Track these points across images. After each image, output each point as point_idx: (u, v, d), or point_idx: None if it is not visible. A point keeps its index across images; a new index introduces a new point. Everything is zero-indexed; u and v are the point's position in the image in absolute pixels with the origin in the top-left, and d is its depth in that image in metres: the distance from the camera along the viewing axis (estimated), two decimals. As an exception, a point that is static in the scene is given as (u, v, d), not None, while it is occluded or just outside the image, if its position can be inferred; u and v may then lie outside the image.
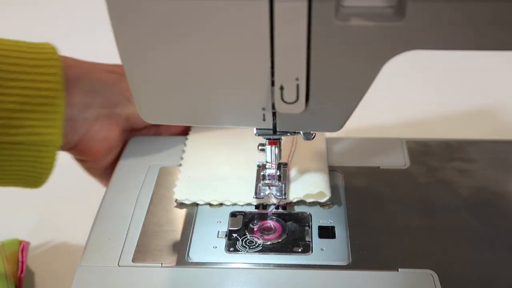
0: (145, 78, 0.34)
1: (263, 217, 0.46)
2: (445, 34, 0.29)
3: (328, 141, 0.54)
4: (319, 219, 0.45)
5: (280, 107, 0.33)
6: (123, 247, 0.43)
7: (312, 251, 0.42)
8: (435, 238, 0.44)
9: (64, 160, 0.50)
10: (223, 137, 0.52)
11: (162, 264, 0.41)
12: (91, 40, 1.00)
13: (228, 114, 0.36)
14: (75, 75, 0.47)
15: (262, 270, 0.41)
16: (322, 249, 0.42)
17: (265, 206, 0.47)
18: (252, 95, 0.34)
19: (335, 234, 0.44)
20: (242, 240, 0.43)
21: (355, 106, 0.34)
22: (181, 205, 0.47)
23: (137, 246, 0.43)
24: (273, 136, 0.41)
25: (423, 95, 0.83)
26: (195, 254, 0.42)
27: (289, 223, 0.45)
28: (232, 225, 0.45)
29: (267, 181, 0.46)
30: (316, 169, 0.48)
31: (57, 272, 0.52)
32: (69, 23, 1.10)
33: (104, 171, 0.53)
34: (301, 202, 0.47)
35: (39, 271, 0.53)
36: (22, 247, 0.51)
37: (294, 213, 0.46)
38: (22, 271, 0.50)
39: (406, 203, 0.47)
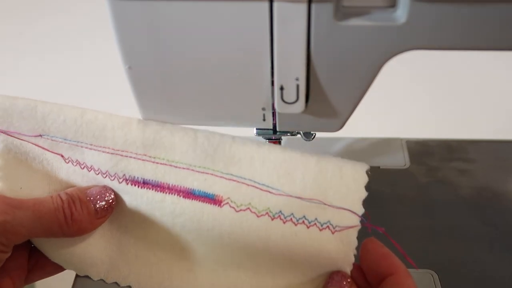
0: (145, 77, 0.34)
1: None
2: (445, 34, 0.29)
3: (328, 141, 0.54)
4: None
5: (280, 107, 0.33)
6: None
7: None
8: (435, 238, 0.44)
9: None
10: None
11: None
12: (90, 38, 1.00)
13: (228, 114, 0.36)
14: None
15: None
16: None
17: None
18: (252, 95, 0.34)
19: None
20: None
21: (355, 106, 0.34)
22: None
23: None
24: (273, 136, 0.41)
25: (423, 95, 0.83)
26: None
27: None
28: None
29: None
30: None
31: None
32: (67, 22, 1.10)
33: None
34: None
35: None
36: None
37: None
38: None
39: (406, 203, 0.47)
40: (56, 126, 0.37)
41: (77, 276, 0.39)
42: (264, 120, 0.36)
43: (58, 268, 0.40)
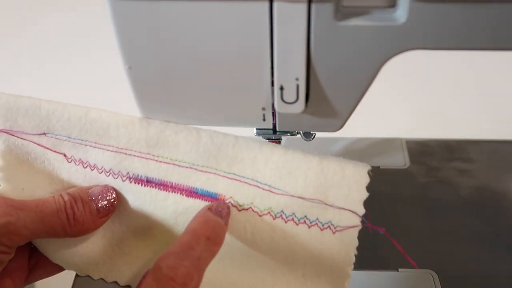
0: (145, 77, 0.34)
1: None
2: (445, 34, 0.29)
3: (328, 141, 0.54)
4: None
5: (280, 107, 0.33)
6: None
7: (312, 251, 0.42)
8: (435, 238, 0.44)
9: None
10: None
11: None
12: (90, 38, 1.00)
13: (228, 114, 0.36)
14: None
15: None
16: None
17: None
18: (252, 95, 0.34)
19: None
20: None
21: (355, 106, 0.34)
22: None
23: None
24: (273, 136, 0.41)
25: (423, 95, 0.83)
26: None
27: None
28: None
29: None
30: None
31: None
32: (68, 22, 1.10)
33: None
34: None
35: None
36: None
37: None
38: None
39: (406, 203, 0.47)
40: (60, 124, 0.37)
41: (77, 276, 0.39)
42: (264, 120, 0.36)
43: (59, 268, 0.40)
